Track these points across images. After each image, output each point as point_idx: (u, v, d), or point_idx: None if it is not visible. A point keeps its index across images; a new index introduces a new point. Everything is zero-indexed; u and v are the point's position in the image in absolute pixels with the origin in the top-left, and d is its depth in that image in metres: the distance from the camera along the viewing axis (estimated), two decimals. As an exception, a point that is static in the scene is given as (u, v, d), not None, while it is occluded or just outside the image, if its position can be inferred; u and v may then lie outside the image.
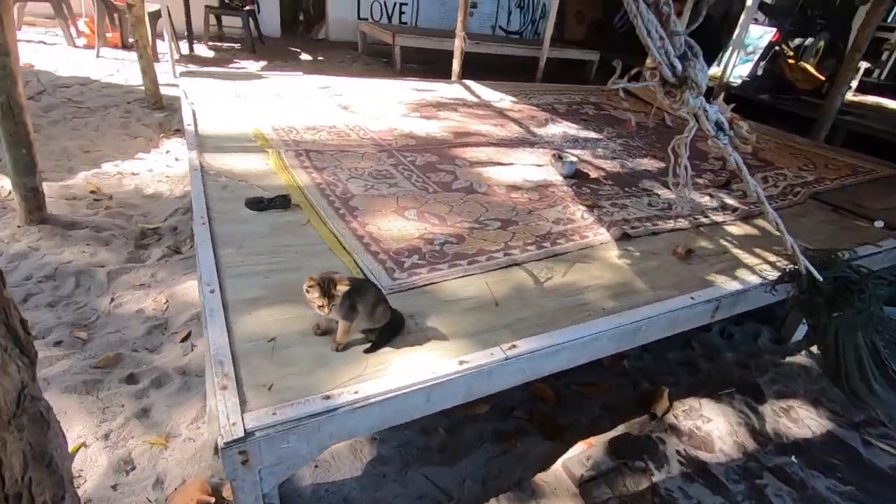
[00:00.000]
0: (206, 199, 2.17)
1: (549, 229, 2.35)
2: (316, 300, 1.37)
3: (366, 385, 1.33)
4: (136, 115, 4.24)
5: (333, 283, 1.37)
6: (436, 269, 1.92)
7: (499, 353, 1.51)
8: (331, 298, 1.37)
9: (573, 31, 10.18)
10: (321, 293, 1.36)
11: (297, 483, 1.60)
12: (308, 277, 1.37)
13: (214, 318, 1.49)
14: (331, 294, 1.37)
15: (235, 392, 1.26)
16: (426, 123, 3.69)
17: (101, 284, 2.30)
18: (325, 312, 1.38)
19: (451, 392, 1.44)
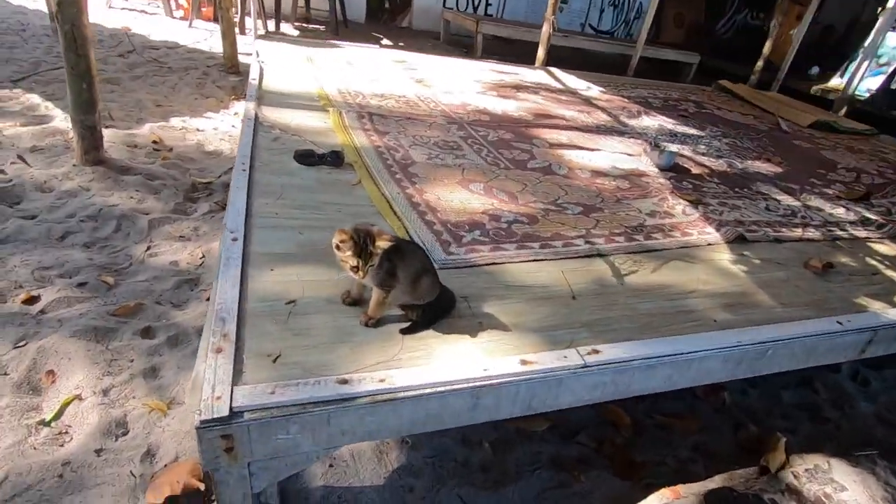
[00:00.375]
0: (252, 148, 1.96)
1: (642, 221, 1.93)
2: (348, 259, 1.07)
3: (397, 373, 1.01)
4: (212, 78, 4.25)
5: (371, 237, 1.06)
6: (500, 249, 1.58)
7: (575, 357, 1.14)
8: (367, 258, 1.06)
9: (670, 33, 9.44)
10: (355, 250, 1.06)
11: (304, 481, 1.32)
12: (339, 230, 1.07)
13: (228, 269, 1.23)
14: (367, 252, 1.06)
15: (231, 358, 0.98)
16: (503, 102, 3.35)
17: (140, 231, 2.16)
18: (360, 276, 1.08)
19: (506, 399, 1.09)
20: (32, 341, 1.54)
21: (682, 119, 3.76)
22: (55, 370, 1.48)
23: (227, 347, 1.00)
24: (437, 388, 1.01)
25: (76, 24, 2.10)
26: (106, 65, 4.09)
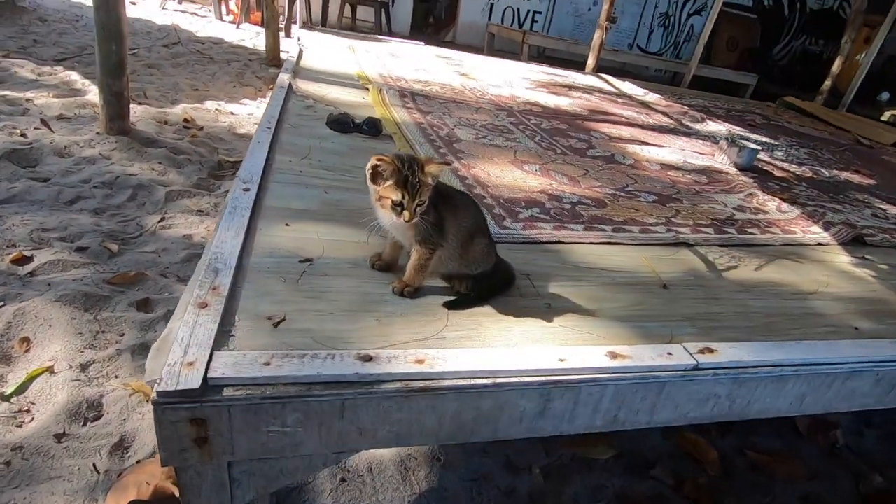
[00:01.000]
0: (281, 112, 1.74)
1: (730, 214, 1.61)
2: (389, 191, 0.80)
3: (440, 354, 0.73)
4: (253, 69, 4.16)
5: (419, 164, 0.79)
6: (565, 228, 1.29)
7: (682, 354, 0.83)
8: (415, 192, 0.79)
9: (723, 56, 9.08)
10: (398, 178, 0.79)
11: (306, 499, 1.03)
12: (374, 156, 0.81)
13: (233, 218, 0.99)
14: (415, 184, 0.79)
15: (219, 316, 0.72)
16: (554, 98, 3.09)
17: (157, 202, 1.97)
18: (405, 217, 0.79)
19: (586, 405, 0.79)
20: (12, 303, 1.33)
21: (750, 128, 3.41)
22: (31, 337, 1.25)
23: (215, 302, 0.74)
24: (496, 379, 0.72)
25: (109, -22, 1.96)
26: (150, 52, 4.07)
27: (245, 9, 6.38)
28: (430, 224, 0.84)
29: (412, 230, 0.83)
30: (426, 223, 0.83)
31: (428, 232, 0.84)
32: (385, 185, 0.79)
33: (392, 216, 0.80)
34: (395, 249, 0.93)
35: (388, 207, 0.80)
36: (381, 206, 0.81)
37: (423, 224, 0.83)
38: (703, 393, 0.84)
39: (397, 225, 0.82)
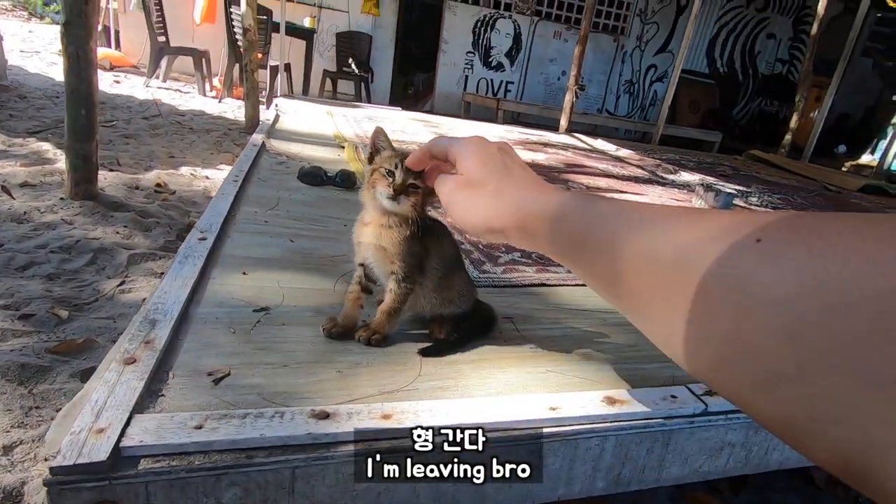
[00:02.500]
0: (252, 166, 1.70)
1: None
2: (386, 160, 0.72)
3: (410, 407, 0.62)
4: (232, 138, 4.20)
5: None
6: (548, 271, 1.22)
7: (687, 397, 0.73)
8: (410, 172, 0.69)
9: (686, 118, 9.61)
10: (396, 152, 0.73)
11: None
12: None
13: (182, 267, 0.89)
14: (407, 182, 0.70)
15: (147, 373, 0.61)
16: (531, 153, 3.14)
17: (118, 266, 1.86)
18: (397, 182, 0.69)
19: (585, 461, 0.67)
20: (-66, 379, 1.17)
21: (722, 177, 3.50)
22: (-51, 417, 1.09)
23: (146, 357, 0.63)
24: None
25: (82, 47, 1.97)
26: (128, 124, 4.09)
27: (228, 84, 6.58)
28: (416, 257, 0.76)
29: (397, 260, 0.74)
30: (414, 256, 0.75)
31: (413, 265, 0.76)
32: (381, 155, 0.72)
33: (381, 190, 0.70)
34: (354, 309, 0.81)
35: (378, 180, 0.71)
36: (371, 186, 0.72)
37: (411, 256, 0.75)
38: (715, 441, 0.73)
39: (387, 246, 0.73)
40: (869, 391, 0.18)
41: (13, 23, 10.23)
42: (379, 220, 0.74)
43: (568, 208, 0.39)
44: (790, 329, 0.21)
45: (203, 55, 6.68)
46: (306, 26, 7.32)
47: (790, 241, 0.23)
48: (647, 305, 0.31)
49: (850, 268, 0.19)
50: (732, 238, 0.25)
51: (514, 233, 0.45)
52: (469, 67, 8.84)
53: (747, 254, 0.24)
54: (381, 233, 0.74)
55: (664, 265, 0.29)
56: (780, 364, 0.21)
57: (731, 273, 0.24)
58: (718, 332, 0.25)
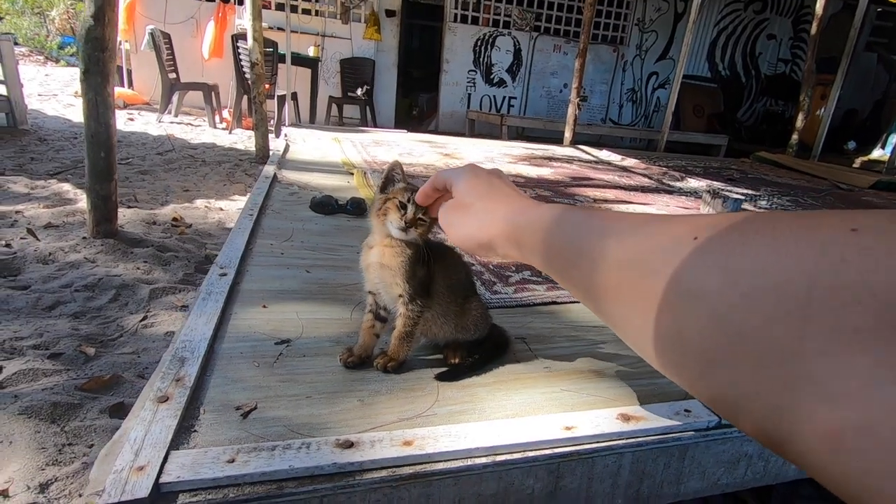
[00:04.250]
0: (265, 198, 1.76)
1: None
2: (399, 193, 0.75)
3: (430, 432, 0.65)
4: (243, 168, 4.31)
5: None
6: (559, 289, 1.24)
7: (701, 410, 0.75)
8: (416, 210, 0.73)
9: (691, 122, 9.61)
10: (408, 186, 0.77)
11: None
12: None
13: (206, 304, 0.93)
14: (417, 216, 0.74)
15: (180, 411, 0.64)
16: (536, 169, 3.18)
17: (140, 301, 1.92)
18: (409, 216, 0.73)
19: (603, 479, 0.69)
20: (-28, 421, 1.22)
21: (730, 182, 3.50)
22: (-13, 457, 1.14)
23: (178, 395, 0.67)
24: (496, 457, 0.63)
25: (100, 93, 2.06)
26: (143, 160, 4.22)
27: (237, 115, 6.76)
28: (420, 280, 0.79)
29: (401, 280, 0.77)
30: (418, 278, 0.78)
31: (417, 287, 0.79)
32: (395, 188, 0.76)
33: (391, 220, 0.74)
34: (369, 338, 0.84)
35: (391, 210, 0.74)
36: (382, 213, 0.76)
37: (415, 278, 0.78)
38: (732, 453, 0.75)
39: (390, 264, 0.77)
40: (774, 367, 0.20)
41: (30, 67, 10.64)
42: (383, 241, 0.78)
43: (547, 218, 0.42)
44: (715, 318, 0.23)
45: (212, 89, 6.88)
46: (311, 55, 7.51)
47: (720, 239, 0.25)
48: (615, 309, 0.33)
49: (760, 260, 0.22)
50: (679, 239, 0.27)
51: (502, 243, 0.48)
52: (471, 85, 8.97)
53: (684, 251, 0.26)
54: (384, 252, 0.77)
55: (626, 268, 0.31)
56: (711, 352, 0.23)
57: (669, 270, 0.26)
58: (664, 327, 0.27)
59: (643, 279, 0.29)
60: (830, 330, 0.19)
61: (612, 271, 0.33)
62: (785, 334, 0.20)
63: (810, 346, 0.20)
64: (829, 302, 0.19)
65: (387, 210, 0.76)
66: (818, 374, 0.19)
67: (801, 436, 0.20)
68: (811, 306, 0.20)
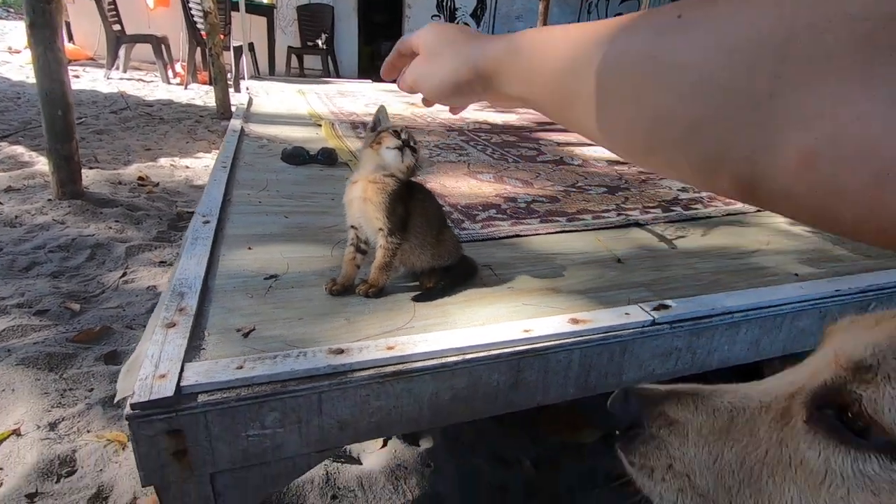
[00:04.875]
0: (236, 152, 1.78)
1: (675, 195, 1.71)
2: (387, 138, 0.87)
3: (410, 339, 0.76)
4: (205, 125, 4.19)
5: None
6: (522, 223, 1.35)
7: (639, 313, 0.88)
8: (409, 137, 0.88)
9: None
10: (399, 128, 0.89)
11: (299, 521, 1.01)
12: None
13: (194, 247, 1.00)
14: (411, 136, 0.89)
15: (187, 333, 0.73)
16: (502, 115, 3.23)
17: (117, 259, 1.95)
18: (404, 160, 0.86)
19: (557, 373, 0.82)
20: (-30, 374, 1.28)
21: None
22: (-7, 404, 1.21)
23: (183, 321, 0.75)
24: (465, 355, 0.75)
25: (49, 46, 1.99)
26: (98, 120, 4.05)
27: (192, 69, 6.44)
28: (399, 216, 0.88)
29: (382, 215, 0.86)
30: (397, 214, 0.87)
31: (396, 221, 0.88)
32: (385, 124, 0.86)
33: (390, 143, 0.85)
34: (351, 268, 0.93)
35: (386, 138, 0.86)
36: (377, 143, 0.86)
37: (394, 213, 0.87)
38: (664, 347, 0.89)
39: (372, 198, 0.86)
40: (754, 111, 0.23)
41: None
42: (367, 176, 0.86)
43: (514, 44, 0.42)
44: (703, 82, 0.25)
45: (162, 41, 6.51)
46: (265, 2, 7.13)
47: (702, 11, 0.26)
48: (602, 111, 0.33)
49: (741, 18, 0.23)
50: (663, 22, 0.28)
51: (477, 81, 0.47)
52: (435, 31, 8.72)
53: (670, 30, 0.27)
54: (367, 187, 0.86)
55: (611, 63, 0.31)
56: (698, 116, 0.26)
57: (657, 51, 0.28)
58: (654, 107, 0.28)
59: (633, 68, 0.29)
60: (806, 61, 0.21)
61: (598, 71, 0.32)
62: (765, 79, 0.22)
63: (788, 81, 0.21)
64: (804, 37, 0.21)
65: (381, 139, 0.85)
66: (794, 105, 0.21)
67: (775, 169, 0.23)
68: (787, 46, 0.21)
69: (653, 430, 0.37)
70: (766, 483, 0.32)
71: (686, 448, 0.36)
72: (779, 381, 0.36)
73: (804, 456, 0.30)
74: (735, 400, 0.36)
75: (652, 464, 0.37)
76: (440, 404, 0.76)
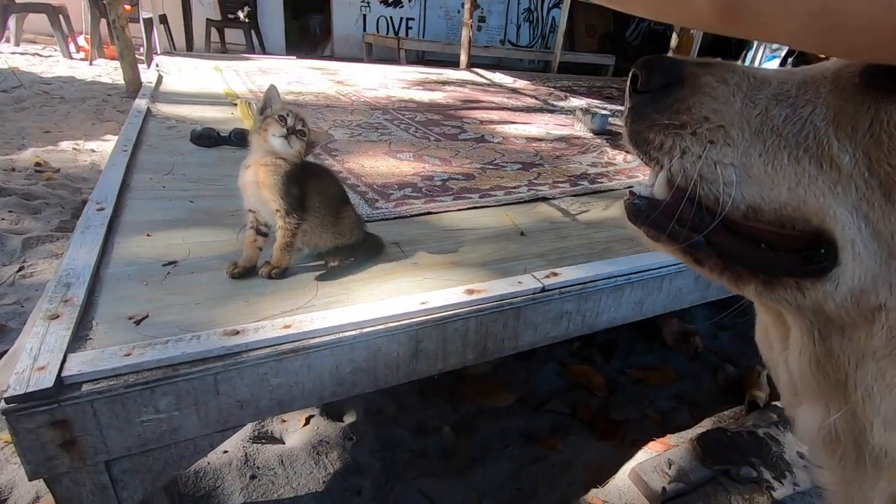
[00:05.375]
0: (140, 133, 1.68)
1: (584, 170, 1.81)
2: (276, 110, 0.88)
3: (307, 317, 0.78)
4: (113, 104, 3.89)
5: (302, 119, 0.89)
6: (435, 201, 1.39)
7: (531, 281, 0.95)
8: (297, 121, 0.88)
9: (584, 43, 9.91)
10: (283, 106, 0.90)
11: (217, 500, 1.02)
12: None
13: (85, 236, 0.96)
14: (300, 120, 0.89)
15: (72, 324, 0.71)
16: (429, 93, 3.23)
17: (12, 252, 1.80)
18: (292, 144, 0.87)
19: (455, 341, 0.88)
20: None
21: (608, 100, 3.79)
22: None
23: (68, 312, 0.73)
24: (363, 329, 0.78)
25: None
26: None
27: (97, 43, 5.90)
28: (295, 196, 0.89)
29: (277, 196, 0.87)
30: (292, 196, 0.88)
31: (292, 202, 0.88)
32: (274, 106, 0.86)
33: (273, 132, 0.85)
34: (252, 251, 0.93)
35: (271, 124, 0.85)
36: (263, 129, 0.86)
37: (289, 194, 0.88)
38: (555, 312, 0.96)
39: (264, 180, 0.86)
40: None
41: None
42: (259, 160, 0.86)
43: None
44: None
45: (59, 11, 5.91)
46: (177, -30, 6.60)
47: None
48: None
49: None
50: None
51: None
52: (366, 5, 8.46)
53: None
54: (258, 170, 0.86)
55: None
56: None
57: None
58: None
59: None
60: None
61: None
62: None
63: None
64: None
65: (267, 125, 0.85)
66: None
67: None
68: None
69: (693, 93, 0.38)
70: (811, 140, 0.35)
71: (731, 100, 0.37)
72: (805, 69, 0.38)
73: (855, 112, 0.34)
74: (775, 72, 0.38)
75: (686, 118, 0.37)
76: (342, 377, 0.79)
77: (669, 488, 1.10)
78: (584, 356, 1.60)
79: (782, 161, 0.36)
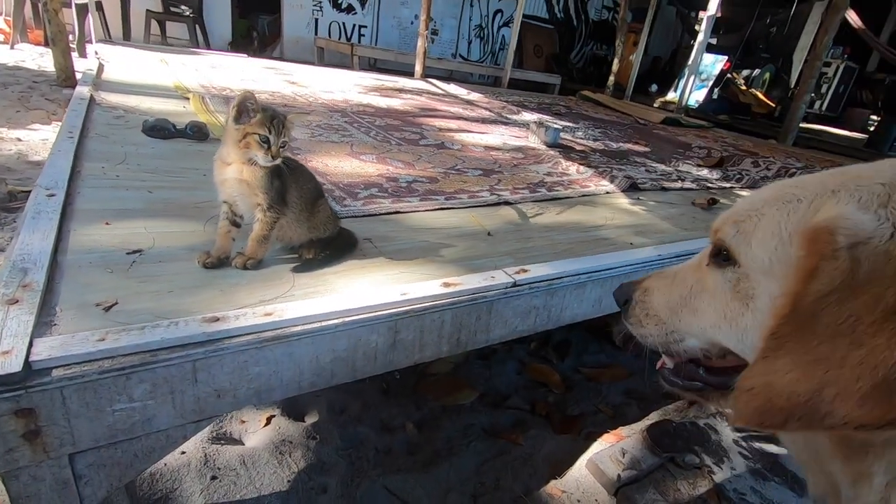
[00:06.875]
0: (84, 123, 1.59)
1: (541, 178, 1.90)
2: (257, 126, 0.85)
3: (289, 306, 0.78)
4: (41, 92, 3.60)
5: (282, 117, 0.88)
6: (402, 201, 1.41)
7: (503, 276, 0.99)
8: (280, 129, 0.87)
9: (532, 62, 10.31)
10: (265, 116, 0.86)
11: (174, 501, 0.98)
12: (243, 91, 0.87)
13: (37, 222, 0.90)
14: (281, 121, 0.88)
15: (35, 308, 0.67)
16: (386, 100, 3.25)
17: (-74, 246, 1.63)
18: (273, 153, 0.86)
19: (431, 332, 0.90)
20: None
21: (556, 116, 3.97)
22: None
23: (28, 298, 0.69)
24: (345, 318, 0.79)
25: None
26: None
27: (19, 26, 5.45)
28: (277, 190, 0.88)
29: (260, 192, 0.86)
30: (275, 188, 0.87)
31: (275, 196, 0.88)
32: (252, 120, 0.83)
33: (257, 154, 0.83)
34: (226, 241, 0.91)
35: (253, 145, 0.83)
36: (243, 147, 0.83)
37: (272, 188, 0.87)
38: (525, 306, 1.01)
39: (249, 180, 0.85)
40: None
41: None
42: (241, 160, 0.85)
43: None
44: None
45: (-24, -11, 5.40)
46: (116, -44, 6.25)
47: None
48: None
49: None
50: None
51: None
52: (318, 9, 8.36)
53: None
54: (243, 169, 0.85)
55: None
56: None
57: None
58: None
59: None
60: None
61: None
62: None
63: None
64: None
65: (248, 144, 0.84)
66: None
67: None
68: None
69: (637, 297, 0.64)
70: (693, 301, 0.57)
71: (654, 299, 0.62)
72: (695, 257, 0.61)
73: (707, 280, 0.55)
74: (675, 269, 0.63)
75: (639, 316, 0.63)
76: (321, 366, 0.80)
77: (623, 475, 1.17)
78: (540, 356, 1.67)
79: (689, 316, 0.58)
